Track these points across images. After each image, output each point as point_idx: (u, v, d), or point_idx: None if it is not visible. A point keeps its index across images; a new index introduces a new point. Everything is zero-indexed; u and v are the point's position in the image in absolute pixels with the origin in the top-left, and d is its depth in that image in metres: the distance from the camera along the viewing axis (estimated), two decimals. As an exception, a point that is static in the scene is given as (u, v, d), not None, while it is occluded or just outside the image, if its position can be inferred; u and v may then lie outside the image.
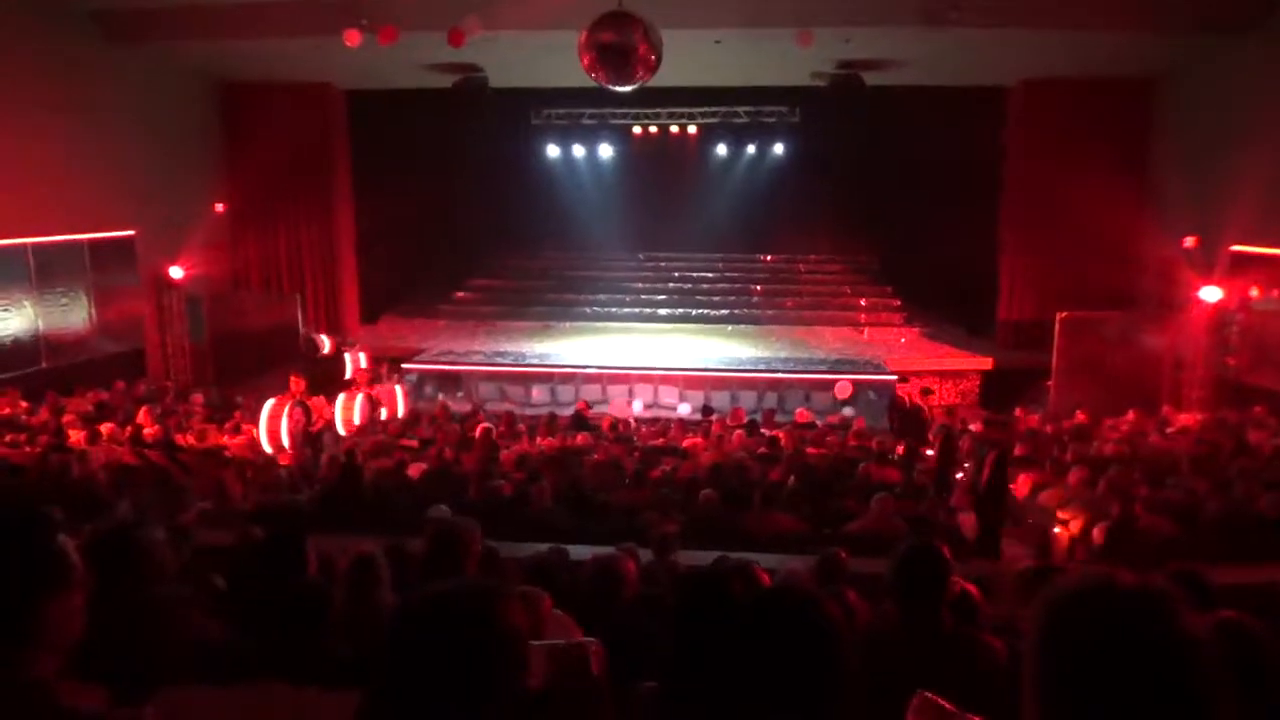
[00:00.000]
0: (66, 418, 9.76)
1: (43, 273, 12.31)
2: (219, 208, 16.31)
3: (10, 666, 1.41)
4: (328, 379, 13.20)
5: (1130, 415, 11.36)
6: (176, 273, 14.88)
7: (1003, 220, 15.99)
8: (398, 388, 13.40)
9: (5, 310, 11.87)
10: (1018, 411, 12.33)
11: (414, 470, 8.53)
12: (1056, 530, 7.15)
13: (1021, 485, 8.33)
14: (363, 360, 14.39)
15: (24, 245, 11.95)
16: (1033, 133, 15.15)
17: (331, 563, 3.64)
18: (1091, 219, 14.27)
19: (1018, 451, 9.60)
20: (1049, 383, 13.65)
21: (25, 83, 11.67)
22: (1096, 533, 6.36)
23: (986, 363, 15.04)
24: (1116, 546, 6.04)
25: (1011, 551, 7.14)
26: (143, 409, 10.43)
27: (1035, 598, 1.23)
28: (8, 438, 8.92)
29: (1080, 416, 11.44)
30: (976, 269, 16.59)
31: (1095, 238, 14.50)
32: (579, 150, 19.62)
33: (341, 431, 10.74)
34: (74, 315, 13.02)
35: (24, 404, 10.44)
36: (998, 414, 11.99)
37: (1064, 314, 13.60)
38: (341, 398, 11.33)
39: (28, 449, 8.55)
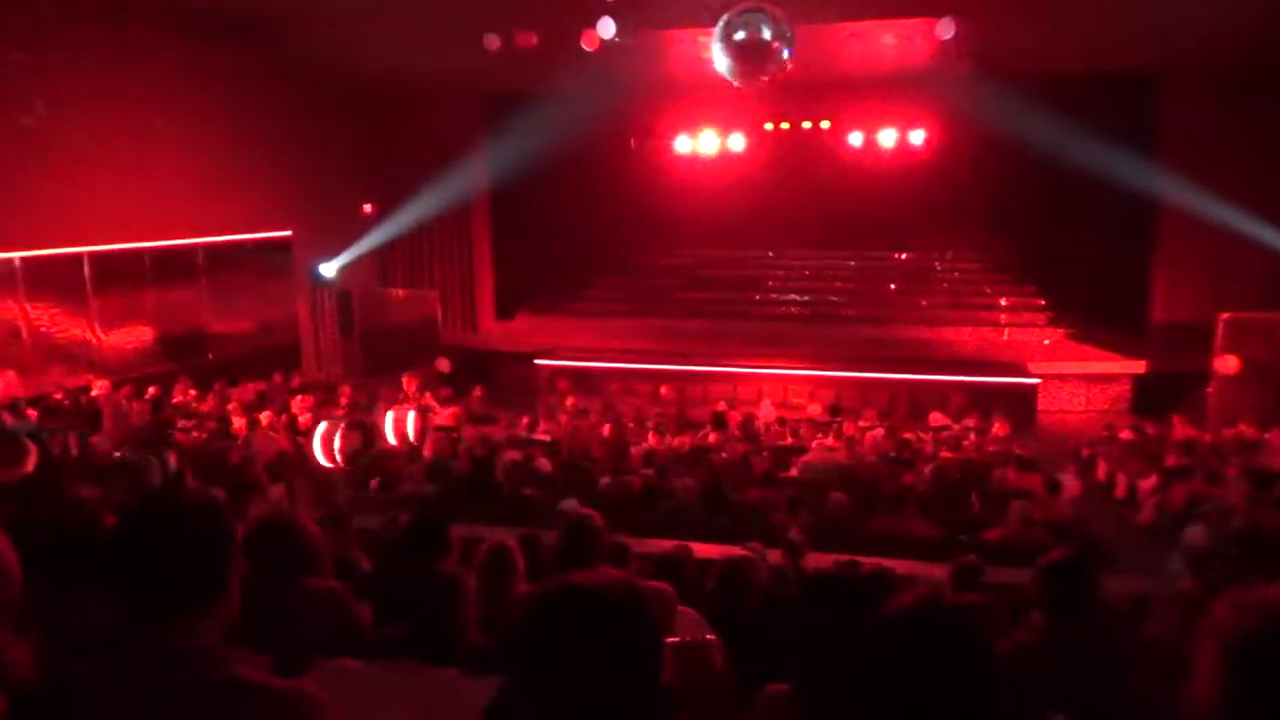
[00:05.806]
0: (230, 405, 10.51)
1: (210, 271, 13.27)
2: (367, 208, 17.13)
3: (191, 635, 1.53)
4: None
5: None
6: (328, 270, 15.72)
7: (1158, 214, 14.97)
8: (411, 413, 13.19)
9: (178, 306, 12.84)
10: (1174, 419, 11.55)
11: (545, 464, 8.73)
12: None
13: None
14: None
15: (195, 245, 12.92)
16: (1189, 120, 14.11)
17: (468, 552, 3.77)
18: (1257, 211, 13.19)
19: (1170, 462, 8.97)
20: (1209, 389, 12.73)
21: (190, 96, 12.57)
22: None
23: (1139, 366, 14.13)
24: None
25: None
26: (297, 398, 11.10)
27: (1211, 618, 1.18)
28: (179, 423, 9.67)
29: (1243, 426, 10.62)
30: (1128, 267, 15.59)
31: (1261, 231, 13.38)
32: (710, 146, 19.53)
33: (393, 442, 10.81)
34: (238, 310, 13.97)
35: (193, 392, 11.29)
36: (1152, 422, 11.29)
37: (1227, 314, 12.65)
38: (392, 413, 11.52)
39: (194, 434, 9.25)
